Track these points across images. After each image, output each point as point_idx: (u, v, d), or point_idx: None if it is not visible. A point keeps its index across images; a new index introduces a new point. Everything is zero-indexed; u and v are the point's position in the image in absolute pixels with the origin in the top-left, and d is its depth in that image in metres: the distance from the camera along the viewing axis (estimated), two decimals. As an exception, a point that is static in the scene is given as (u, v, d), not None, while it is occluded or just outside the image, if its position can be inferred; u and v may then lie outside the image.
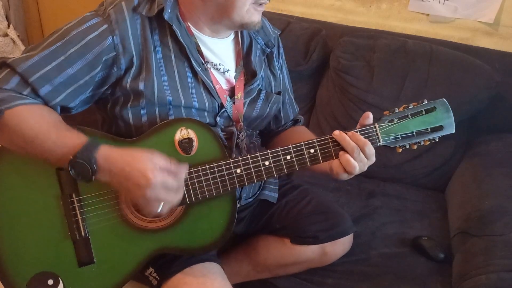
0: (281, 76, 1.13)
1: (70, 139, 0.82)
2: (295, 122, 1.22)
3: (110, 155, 0.82)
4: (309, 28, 1.78)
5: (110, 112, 0.94)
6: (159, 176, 0.79)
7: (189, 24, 0.94)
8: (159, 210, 0.82)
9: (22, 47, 2.60)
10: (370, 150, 0.88)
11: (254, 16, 0.92)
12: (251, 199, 1.13)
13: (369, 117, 0.91)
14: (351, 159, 0.87)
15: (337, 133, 0.88)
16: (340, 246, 1.16)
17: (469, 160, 1.54)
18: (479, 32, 1.74)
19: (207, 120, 0.96)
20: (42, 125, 0.82)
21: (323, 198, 1.20)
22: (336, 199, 1.48)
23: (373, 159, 0.90)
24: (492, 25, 1.71)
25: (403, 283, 1.17)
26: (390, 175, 1.61)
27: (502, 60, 1.61)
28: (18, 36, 2.58)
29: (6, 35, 2.55)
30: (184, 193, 0.87)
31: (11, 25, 2.56)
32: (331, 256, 1.16)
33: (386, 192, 1.55)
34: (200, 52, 0.94)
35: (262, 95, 1.05)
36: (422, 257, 1.25)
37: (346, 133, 0.88)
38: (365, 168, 0.90)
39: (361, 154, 0.87)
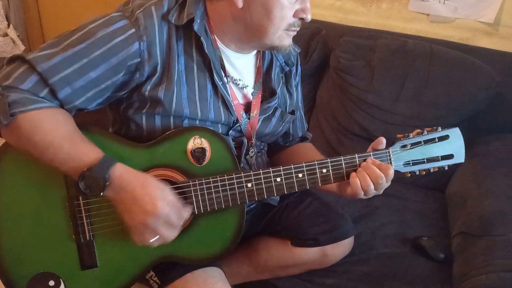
0: (295, 93, 1.13)
1: (85, 153, 0.80)
2: (303, 138, 1.22)
3: (126, 174, 0.80)
4: (309, 28, 1.78)
5: (122, 113, 0.92)
6: (166, 208, 0.79)
7: (215, 37, 0.92)
8: (151, 241, 0.82)
9: (22, 47, 2.60)
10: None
11: (285, 41, 0.91)
12: (254, 205, 1.13)
13: (382, 143, 0.91)
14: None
15: (370, 161, 0.89)
16: (341, 248, 1.16)
17: (469, 160, 1.53)
18: (479, 32, 1.74)
19: (220, 131, 0.94)
20: (57, 134, 0.79)
21: (323, 200, 1.20)
22: (337, 199, 1.47)
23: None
24: (492, 25, 1.71)
25: (403, 283, 1.17)
26: (390, 175, 1.61)
27: (502, 60, 1.61)
28: (18, 36, 2.58)
29: (6, 35, 2.55)
30: (193, 203, 0.86)
31: (11, 25, 2.56)
32: (331, 258, 1.16)
33: (386, 192, 1.51)
34: (222, 66, 0.93)
35: (278, 114, 1.04)
36: (422, 257, 1.25)
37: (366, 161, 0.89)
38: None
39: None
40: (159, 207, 0.78)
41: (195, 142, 0.87)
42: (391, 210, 1.46)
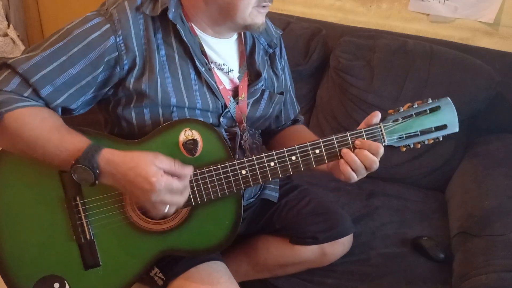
0: (283, 76, 1.13)
1: (72, 144, 0.81)
2: (295, 121, 1.22)
3: (113, 159, 0.81)
4: (309, 28, 1.79)
5: (112, 113, 0.94)
6: (163, 181, 0.79)
7: (192, 24, 0.93)
8: (165, 212, 0.83)
9: (22, 47, 2.60)
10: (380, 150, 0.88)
11: (257, 18, 0.92)
12: (253, 199, 1.13)
13: (377, 115, 0.90)
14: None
15: (358, 143, 0.88)
16: (340, 247, 1.16)
17: (469, 160, 1.54)
18: (479, 32, 1.74)
19: (211, 121, 0.95)
20: (43, 128, 0.81)
21: (323, 199, 1.20)
22: (336, 199, 1.48)
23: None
24: (492, 25, 1.71)
25: (403, 283, 1.17)
26: (390, 175, 1.61)
27: (502, 60, 1.61)
28: (18, 36, 2.58)
29: (6, 35, 2.55)
30: (190, 195, 0.87)
31: (11, 25, 2.56)
32: (330, 256, 1.16)
33: (386, 192, 1.55)
34: (203, 52, 0.94)
35: (266, 95, 1.04)
36: (422, 257, 1.25)
37: (355, 142, 0.88)
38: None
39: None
40: (154, 182, 0.78)
41: (186, 134, 0.88)
42: (391, 210, 1.46)
